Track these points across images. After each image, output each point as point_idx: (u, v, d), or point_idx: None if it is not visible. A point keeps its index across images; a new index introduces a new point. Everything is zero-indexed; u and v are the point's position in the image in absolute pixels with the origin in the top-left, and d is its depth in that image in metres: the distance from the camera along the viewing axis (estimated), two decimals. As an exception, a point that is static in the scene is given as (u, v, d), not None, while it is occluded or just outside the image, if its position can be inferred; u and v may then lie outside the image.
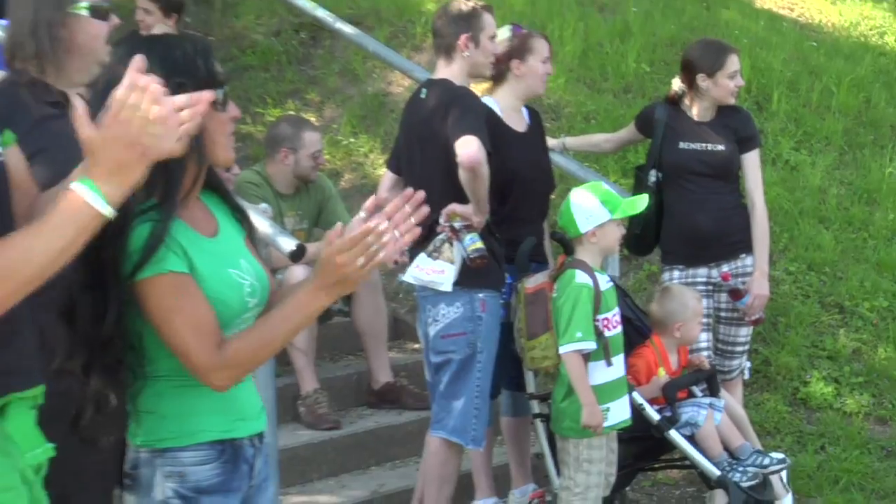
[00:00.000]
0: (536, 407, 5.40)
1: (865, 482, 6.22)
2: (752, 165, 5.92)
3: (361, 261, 2.52)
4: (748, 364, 6.14)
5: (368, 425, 6.18)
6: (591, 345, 4.91)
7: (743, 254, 5.87)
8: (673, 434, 5.21)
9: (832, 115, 8.84)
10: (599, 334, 4.94)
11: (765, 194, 6.00)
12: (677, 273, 5.89)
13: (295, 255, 4.96)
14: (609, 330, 5.00)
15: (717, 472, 5.18)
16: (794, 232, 7.69)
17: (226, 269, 2.67)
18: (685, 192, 5.89)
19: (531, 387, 5.38)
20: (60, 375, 2.56)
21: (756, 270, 5.81)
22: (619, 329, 5.07)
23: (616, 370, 5.02)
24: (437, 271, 5.01)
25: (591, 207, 4.98)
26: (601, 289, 4.98)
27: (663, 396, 5.26)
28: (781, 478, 5.47)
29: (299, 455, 5.73)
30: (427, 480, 5.25)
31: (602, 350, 4.95)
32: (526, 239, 5.26)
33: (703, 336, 5.70)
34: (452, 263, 4.99)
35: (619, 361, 5.04)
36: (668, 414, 5.20)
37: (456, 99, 5.06)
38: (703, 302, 5.65)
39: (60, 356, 2.56)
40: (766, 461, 5.31)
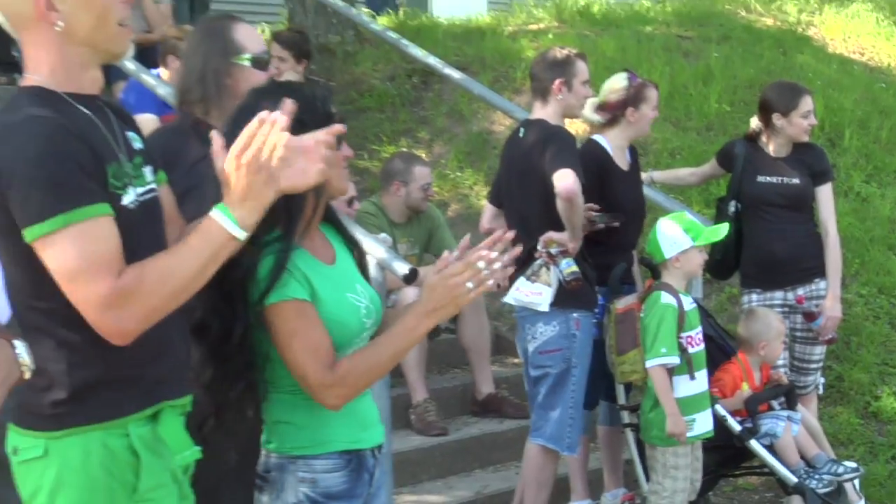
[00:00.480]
0: (627, 417, 5.36)
1: (934, 490, 6.09)
2: (826, 197, 5.83)
3: (471, 285, 2.55)
4: (822, 380, 6.04)
5: (473, 432, 6.18)
6: (675, 360, 4.89)
7: (817, 278, 5.77)
8: (754, 444, 5.16)
9: (900, 151, 8.70)
10: (683, 350, 4.92)
11: (837, 223, 5.90)
12: (755, 296, 5.82)
13: (408, 278, 4.99)
14: (692, 347, 4.97)
15: (795, 479, 5.12)
16: (865, 258, 7.55)
17: (344, 294, 2.69)
18: (763, 222, 5.81)
19: (622, 399, 5.35)
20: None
21: (829, 294, 5.72)
22: (702, 346, 5.04)
23: (699, 384, 4.98)
24: (536, 293, 5.01)
25: (675, 235, 4.97)
26: (685, 309, 4.95)
27: (745, 409, 5.22)
28: (854, 485, 5.37)
29: (410, 458, 5.74)
30: (526, 483, 5.24)
31: (685, 365, 4.93)
32: (618, 264, 5.24)
33: (781, 354, 5.62)
34: (549, 286, 4.98)
35: (702, 376, 5.00)
36: (750, 425, 5.16)
37: (552, 137, 5.06)
38: (783, 323, 5.59)
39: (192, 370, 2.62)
40: (841, 469, 5.25)
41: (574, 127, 5.62)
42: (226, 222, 2.29)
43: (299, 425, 2.68)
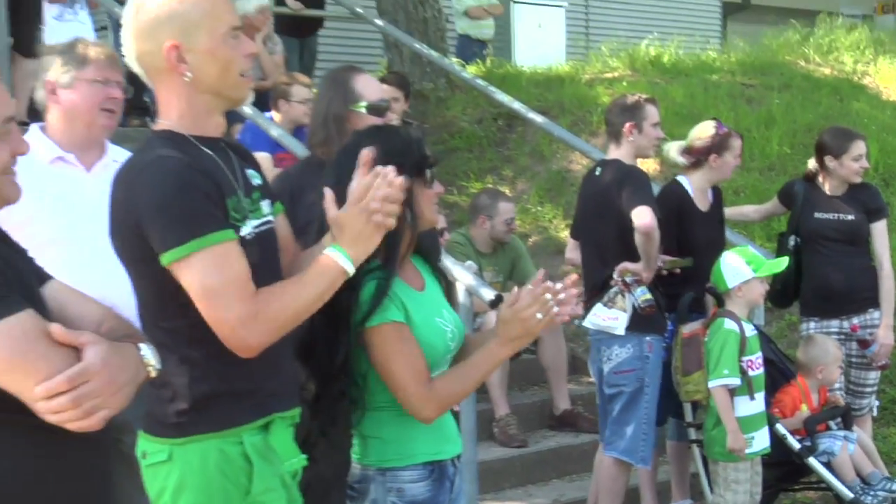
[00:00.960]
0: (693, 433, 5.29)
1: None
2: (880, 233, 5.74)
3: (540, 315, 2.55)
4: (877, 402, 5.92)
5: (550, 444, 6.15)
6: (736, 381, 4.85)
7: (871, 308, 5.66)
8: (812, 461, 5.10)
9: (952, 191, 8.49)
10: (744, 373, 4.88)
11: (892, 257, 5.80)
12: (813, 324, 5.73)
13: (493, 304, 4.99)
14: (752, 370, 4.92)
15: (851, 495, 5.06)
16: (918, 289, 7.38)
17: (433, 318, 2.71)
18: (820, 255, 5.73)
19: (688, 416, 5.28)
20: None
21: (882, 323, 5.62)
22: (762, 370, 4.98)
23: (757, 405, 4.93)
24: (612, 318, 4.98)
25: (738, 267, 4.94)
26: (746, 335, 4.91)
27: (804, 429, 5.17)
28: (907, 502, 5.27)
29: (493, 468, 5.73)
30: (600, 493, 5.19)
31: (746, 386, 4.88)
32: (686, 294, 5.19)
33: (837, 378, 5.52)
34: (625, 311, 4.95)
35: (761, 398, 4.95)
36: (809, 443, 5.10)
37: (627, 176, 5.04)
38: (838, 349, 5.49)
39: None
40: (894, 486, 5.17)
41: (645, 165, 5.57)
42: (341, 259, 2.39)
43: (387, 440, 2.68)
